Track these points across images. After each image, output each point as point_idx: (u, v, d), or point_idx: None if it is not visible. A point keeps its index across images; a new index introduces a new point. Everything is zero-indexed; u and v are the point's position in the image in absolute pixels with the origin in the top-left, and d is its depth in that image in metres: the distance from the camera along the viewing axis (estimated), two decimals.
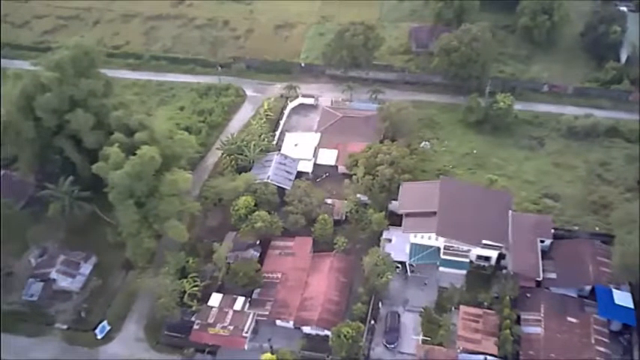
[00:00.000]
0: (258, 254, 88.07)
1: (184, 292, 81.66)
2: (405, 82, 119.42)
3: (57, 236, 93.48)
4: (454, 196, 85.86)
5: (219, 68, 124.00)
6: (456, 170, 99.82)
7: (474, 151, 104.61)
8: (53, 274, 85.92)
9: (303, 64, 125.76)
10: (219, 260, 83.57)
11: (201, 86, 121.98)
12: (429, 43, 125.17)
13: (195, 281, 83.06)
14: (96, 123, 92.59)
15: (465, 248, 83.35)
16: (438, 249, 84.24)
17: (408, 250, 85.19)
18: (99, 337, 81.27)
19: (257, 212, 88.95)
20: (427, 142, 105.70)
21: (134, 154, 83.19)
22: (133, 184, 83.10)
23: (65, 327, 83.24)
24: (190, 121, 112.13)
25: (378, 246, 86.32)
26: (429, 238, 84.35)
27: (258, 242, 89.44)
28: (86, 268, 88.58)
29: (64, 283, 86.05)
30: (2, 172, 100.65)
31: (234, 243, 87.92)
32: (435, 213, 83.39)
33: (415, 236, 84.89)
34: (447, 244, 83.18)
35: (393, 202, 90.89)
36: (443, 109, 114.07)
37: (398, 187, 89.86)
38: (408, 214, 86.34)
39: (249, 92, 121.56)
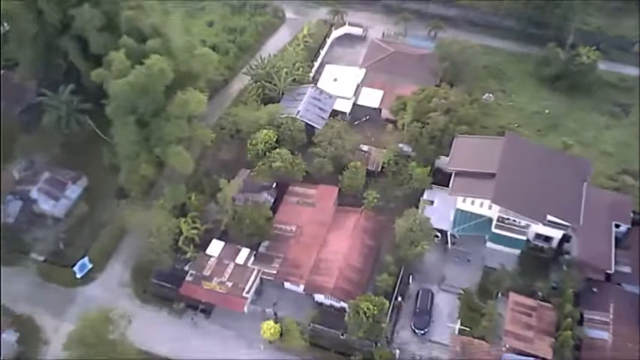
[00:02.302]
0: (273, 200, 74.14)
1: (180, 233, 68.44)
2: (470, 22, 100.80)
3: (47, 150, 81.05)
4: (520, 157, 69.72)
5: None
6: (522, 130, 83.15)
7: (546, 111, 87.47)
8: (34, 193, 73.86)
9: None
10: (225, 200, 69.84)
11: (235, 1, 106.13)
12: None
13: (194, 222, 69.82)
14: (105, 24, 78.87)
15: (524, 223, 67.93)
16: (490, 220, 69.01)
17: (452, 217, 70.13)
18: (78, 275, 69.44)
19: (277, 150, 74.60)
20: (491, 95, 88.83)
21: (142, 64, 69.24)
22: (136, 98, 70.21)
23: (42, 259, 71.36)
24: (217, 39, 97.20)
25: (417, 208, 71.48)
26: (481, 205, 69.02)
27: (274, 185, 75.32)
28: (73, 191, 76.12)
29: (45, 205, 73.93)
30: (2, 71, 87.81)
31: (246, 183, 73.93)
32: (493, 175, 67.58)
33: (464, 201, 69.61)
34: (503, 216, 67.75)
35: (442, 157, 75.25)
36: (512, 59, 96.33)
37: (451, 141, 74.13)
38: (458, 174, 70.70)
39: (289, 14, 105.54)
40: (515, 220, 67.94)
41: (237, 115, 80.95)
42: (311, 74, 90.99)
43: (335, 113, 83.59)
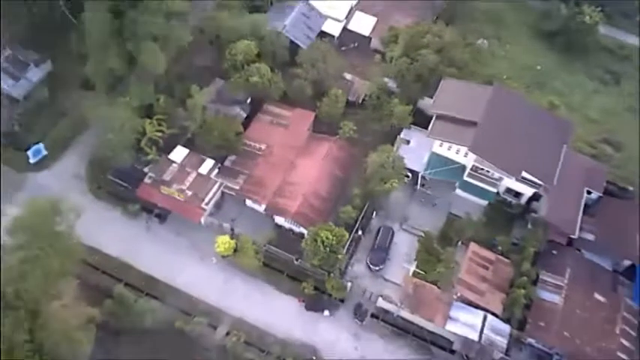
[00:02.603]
0: (245, 115, 70.91)
1: (144, 134, 65.06)
2: None
3: (11, 27, 75.09)
4: (504, 110, 67.50)
5: None
6: (510, 82, 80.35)
7: (538, 67, 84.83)
8: None
9: None
10: (195, 108, 66.29)
11: None
12: None
13: (160, 125, 66.28)
14: None
15: (497, 175, 66.60)
16: (463, 168, 67.51)
17: (426, 160, 68.28)
18: (31, 160, 65.81)
19: (257, 64, 70.59)
20: (485, 40, 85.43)
21: None
22: None
23: None
24: None
25: (392, 145, 69.18)
26: (457, 152, 67.26)
27: (248, 101, 71.90)
28: (35, 74, 71.49)
29: (3, 84, 69.34)
30: None
31: (219, 93, 70.43)
32: (474, 123, 65.40)
33: (441, 145, 67.67)
34: (477, 165, 66.21)
35: (426, 99, 72.55)
36: (512, 6, 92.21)
37: (437, 82, 71.27)
38: (440, 117, 68.35)
39: None
40: (488, 172, 66.50)
41: (219, 20, 76.00)
42: None
43: (323, 35, 79.43)
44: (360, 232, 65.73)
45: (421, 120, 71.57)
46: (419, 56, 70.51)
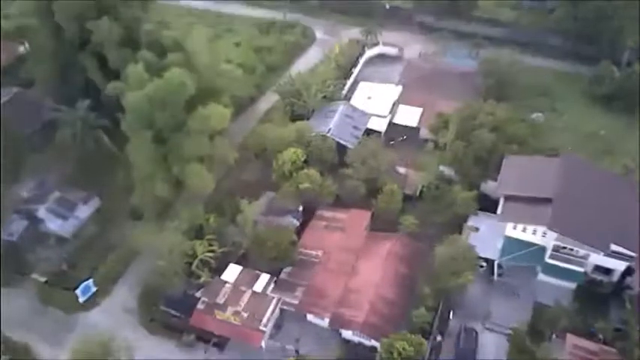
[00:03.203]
0: (298, 223, 67.21)
1: (195, 256, 61.91)
2: (514, 41, 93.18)
3: (60, 169, 76.12)
4: (578, 180, 61.72)
5: None
6: (576, 153, 74.64)
7: (602, 132, 79.45)
8: (41, 213, 68.56)
9: (388, 6, 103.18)
10: (246, 222, 63.28)
11: (264, 21, 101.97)
12: None
13: (210, 245, 63.15)
14: (125, 38, 74.88)
15: (583, 253, 59.50)
16: (543, 249, 60.80)
17: (499, 245, 62.09)
18: (80, 299, 62.97)
19: (305, 170, 68.09)
20: (540, 114, 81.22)
21: (161, 77, 64.76)
22: (153, 112, 65.02)
23: (43, 280, 65.33)
24: (244, 59, 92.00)
25: (460, 234, 63.68)
26: (534, 232, 61.02)
27: (300, 209, 68.54)
28: (83, 211, 70.66)
29: (52, 225, 68.46)
30: (15, 89, 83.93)
31: (270, 205, 67.49)
32: (548, 200, 59.56)
33: (514, 228, 61.58)
34: (559, 244, 59.49)
35: (489, 181, 67.65)
36: (561, 78, 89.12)
37: (498, 162, 66.62)
38: (509, 198, 62.80)
39: (319, 34, 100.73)
40: (572, 250, 59.60)
41: (263, 133, 75.11)
42: (343, 92, 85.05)
43: (369, 132, 76.98)
44: (438, 337, 58.68)
45: (487, 204, 66.23)
46: (474, 138, 66.51)
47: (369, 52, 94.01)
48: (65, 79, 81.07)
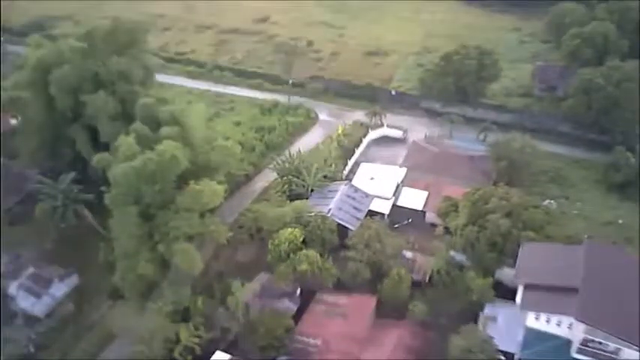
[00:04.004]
0: (295, 308, 60.65)
1: (178, 342, 54.79)
2: (523, 127, 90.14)
3: (38, 243, 70.45)
4: (606, 268, 55.93)
5: (291, 84, 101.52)
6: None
7: (620, 221, 74.63)
8: (12, 290, 62.33)
9: (393, 92, 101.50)
10: (237, 305, 56.85)
11: (266, 102, 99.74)
12: (558, 85, 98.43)
13: (197, 329, 56.26)
14: (120, 112, 71.98)
15: (614, 347, 52.68)
16: (569, 342, 54.00)
17: (520, 338, 55.35)
18: None
19: (304, 251, 62.33)
20: (552, 201, 76.66)
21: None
22: (141, 186, 60.41)
23: None
24: (243, 138, 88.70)
25: (475, 324, 57.08)
26: (558, 324, 54.50)
27: (297, 292, 62.16)
28: (59, 289, 64.38)
29: (24, 303, 62.18)
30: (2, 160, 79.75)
31: (265, 288, 61.23)
32: (574, 290, 53.48)
33: (537, 318, 55.09)
34: (588, 337, 52.79)
35: (505, 268, 61.87)
36: (573, 165, 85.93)
37: (514, 249, 61.13)
38: (529, 286, 56.62)
39: (322, 116, 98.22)
40: (602, 343, 52.85)
41: (258, 212, 69.90)
42: (344, 172, 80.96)
43: (371, 214, 71.87)
44: None
45: (503, 292, 60.30)
46: (487, 223, 61.38)
47: (373, 134, 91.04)
48: (53, 152, 78.00)
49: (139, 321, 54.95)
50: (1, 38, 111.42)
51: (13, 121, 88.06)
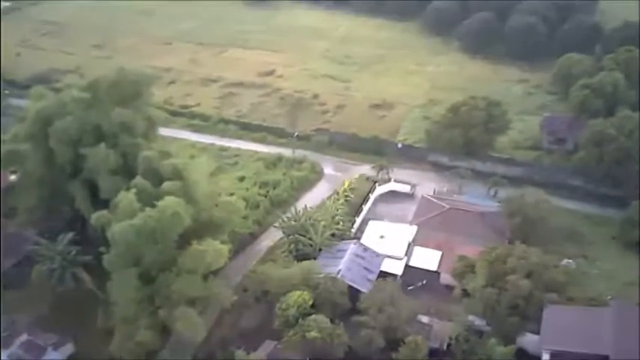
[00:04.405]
0: None
1: None
2: (534, 182, 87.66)
3: (33, 308, 66.91)
4: (636, 332, 52.42)
5: (296, 137, 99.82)
6: None
7: None
8: (3, 358, 58.17)
9: (400, 145, 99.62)
10: None
11: (271, 156, 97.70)
12: (567, 137, 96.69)
13: None
14: (121, 166, 69.56)
15: None
16: None
17: None
18: None
19: (313, 316, 58.95)
20: (571, 260, 73.50)
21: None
22: (141, 245, 57.70)
23: None
24: (247, 193, 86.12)
25: None
26: None
27: None
28: (53, 358, 60.24)
29: None
30: None
31: (271, 356, 57.29)
32: (604, 358, 50.00)
33: None
34: None
35: (528, 334, 58.38)
36: (588, 221, 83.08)
37: (536, 312, 57.95)
38: (556, 355, 53.27)
39: (327, 170, 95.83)
40: None
41: (264, 273, 66.87)
42: (353, 230, 78.02)
43: (383, 275, 68.58)
44: None
45: None
46: (507, 284, 58.28)
47: (380, 189, 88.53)
48: (51, 209, 75.10)
49: None
50: (2, 90, 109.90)
51: (12, 177, 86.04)
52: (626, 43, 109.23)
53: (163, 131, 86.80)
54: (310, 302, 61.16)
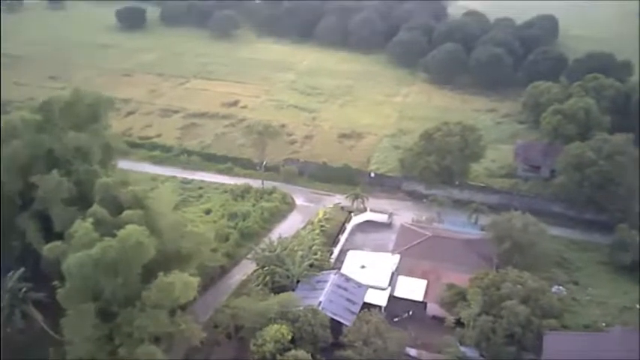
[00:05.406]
0: None
1: None
2: (513, 209, 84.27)
3: None
4: None
5: (264, 167, 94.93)
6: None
7: (637, 306, 68.04)
8: None
9: (372, 174, 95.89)
10: None
11: (238, 187, 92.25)
12: (542, 164, 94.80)
13: None
14: (75, 196, 63.04)
15: None
16: None
17: None
18: None
19: (293, 351, 53.12)
20: (561, 287, 70.01)
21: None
22: (100, 278, 51.41)
23: None
24: (216, 226, 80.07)
25: None
26: None
27: None
28: None
29: None
30: None
31: None
32: None
33: None
34: None
35: None
36: (573, 247, 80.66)
37: (534, 341, 53.50)
38: None
39: (299, 201, 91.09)
40: None
41: (238, 307, 60.61)
42: (331, 260, 72.89)
43: (366, 307, 63.25)
44: None
45: None
46: (503, 311, 53.89)
47: (357, 219, 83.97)
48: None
49: None
50: None
51: None
52: (592, 72, 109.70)
53: (122, 164, 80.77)
54: (289, 337, 55.29)
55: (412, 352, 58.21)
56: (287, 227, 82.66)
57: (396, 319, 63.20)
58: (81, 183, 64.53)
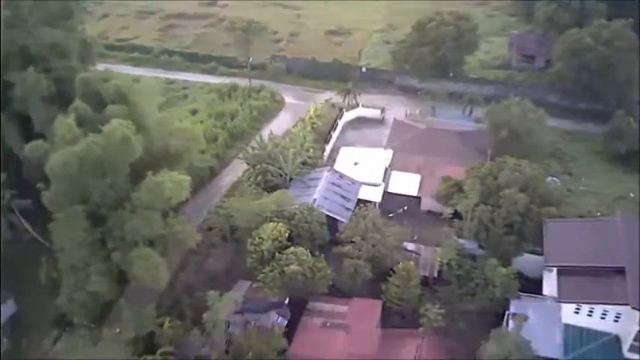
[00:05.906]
0: (286, 322, 50.25)
1: None
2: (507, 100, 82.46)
3: None
4: None
5: (250, 65, 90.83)
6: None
7: (631, 195, 67.73)
8: None
9: (364, 69, 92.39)
10: (215, 325, 46.01)
11: (224, 86, 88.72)
12: (536, 54, 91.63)
13: None
14: (55, 94, 59.47)
15: None
16: (617, 339, 45.99)
17: (559, 339, 46.86)
18: None
19: (292, 248, 52.24)
20: (555, 178, 69.15)
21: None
22: (87, 178, 48.73)
23: None
24: (203, 126, 77.05)
25: (506, 326, 48.46)
26: (603, 315, 46.31)
27: (286, 301, 51.79)
28: None
29: None
30: None
31: (246, 299, 50.74)
32: (619, 271, 45.57)
33: (577, 311, 46.83)
34: None
35: (526, 255, 53.71)
36: (569, 137, 79.43)
37: (533, 231, 53.03)
38: (565, 272, 48.45)
39: (288, 99, 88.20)
40: None
41: (232, 207, 59.18)
42: (324, 158, 71.20)
43: (362, 203, 62.15)
44: None
45: (525, 286, 51.69)
46: (502, 200, 52.93)
47: (348, 115, 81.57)
48: None
49: (92, 353, 43.35)
50: None
51: None
52: None
53: (100, 67, 76.22)
54: (286, 234, 54.24)
55: (410, 246, 57.66)
56: (277, 126, 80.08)
57: (390, 215, 62.35)
58: (60, 80, 61.06)
